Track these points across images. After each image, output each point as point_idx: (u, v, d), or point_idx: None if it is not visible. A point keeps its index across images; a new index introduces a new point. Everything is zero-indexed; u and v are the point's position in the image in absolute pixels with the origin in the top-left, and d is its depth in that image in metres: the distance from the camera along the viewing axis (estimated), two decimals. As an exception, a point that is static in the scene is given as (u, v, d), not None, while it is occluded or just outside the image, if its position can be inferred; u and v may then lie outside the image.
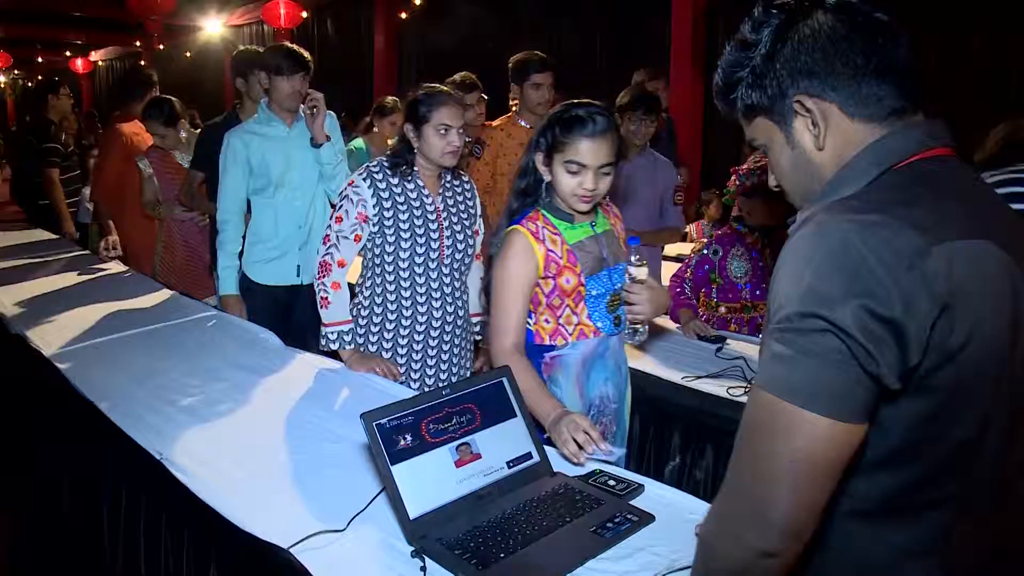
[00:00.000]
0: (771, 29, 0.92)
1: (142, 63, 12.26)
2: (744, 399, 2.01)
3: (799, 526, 0.81)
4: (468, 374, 2.35)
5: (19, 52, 14.66)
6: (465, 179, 2.35)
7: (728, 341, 2.53)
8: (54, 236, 4.30)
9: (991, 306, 0.81)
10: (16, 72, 17.42)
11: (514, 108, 3.44)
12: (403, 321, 2.21)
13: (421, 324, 2.22)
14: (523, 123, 3.32)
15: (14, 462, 2.69)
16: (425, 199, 2.20)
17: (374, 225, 2.17)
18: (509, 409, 1.50)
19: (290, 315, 2.93)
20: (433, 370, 2.27)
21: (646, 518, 1.34)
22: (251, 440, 1.74)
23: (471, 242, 2.28)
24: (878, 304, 0.76)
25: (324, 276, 2.17)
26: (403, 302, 2.21)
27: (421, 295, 2.21)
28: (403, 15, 8.56)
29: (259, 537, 1.31)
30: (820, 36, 0.89)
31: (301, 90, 2.75)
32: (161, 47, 12.53)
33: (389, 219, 2.16)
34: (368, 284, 2.24)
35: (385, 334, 2.22)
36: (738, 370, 2.24)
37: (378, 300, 2.22)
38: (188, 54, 12.23)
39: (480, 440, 1.43)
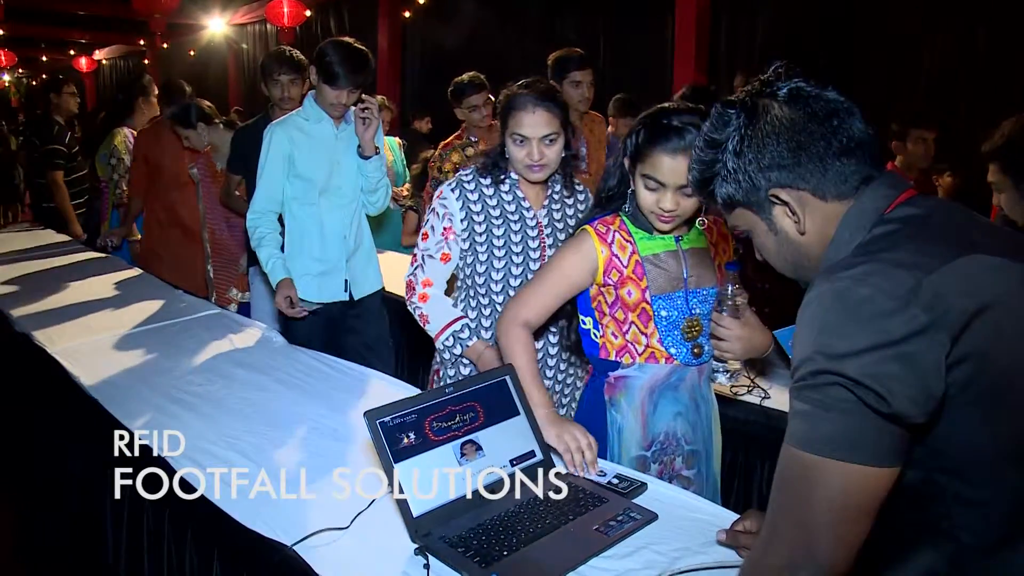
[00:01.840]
0: (733, 128, 0.98)
1: (146, 62, 12.31)
2: (748, 397, 2.04)
3: (843, 565, 0.86)
4: (571, 414, 1.90)
5: (23, 51, 14.70)
6: (580, 189, 2.03)
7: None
8: (63, 238, 4.30)
9: (1003, 309, 0.84)
10: (20, 71, 17.46)
11: None
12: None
13: None
14: None
15: (18, 459, 2.70)
16: (525, 212, 1.93)
17: (464, 241, 1.92)
18: (512, 407, 1.51)
19: (342, 333, 2.68)
20: None
21: (649, 516, 1.34)
22: (255, 438, 1.75)
23: None
24: (883, 348, 0.80)
25: (411, 295, 1.95)
26: (482, 332, 1.95)
27: None
28: (407, 14, 8.54)
29: (262, 534, 1.32)
30: (781, 130, 0.95)
31: (347, 103, 2.49)
32: (165, 46, 12.54)
33: (481, 233, 1.90)
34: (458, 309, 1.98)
35: (461, 366, 1.98)
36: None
37: (472, 326, 1.95)
38: (192, 52, 12.24)
39: (483, 438, 1.43)
